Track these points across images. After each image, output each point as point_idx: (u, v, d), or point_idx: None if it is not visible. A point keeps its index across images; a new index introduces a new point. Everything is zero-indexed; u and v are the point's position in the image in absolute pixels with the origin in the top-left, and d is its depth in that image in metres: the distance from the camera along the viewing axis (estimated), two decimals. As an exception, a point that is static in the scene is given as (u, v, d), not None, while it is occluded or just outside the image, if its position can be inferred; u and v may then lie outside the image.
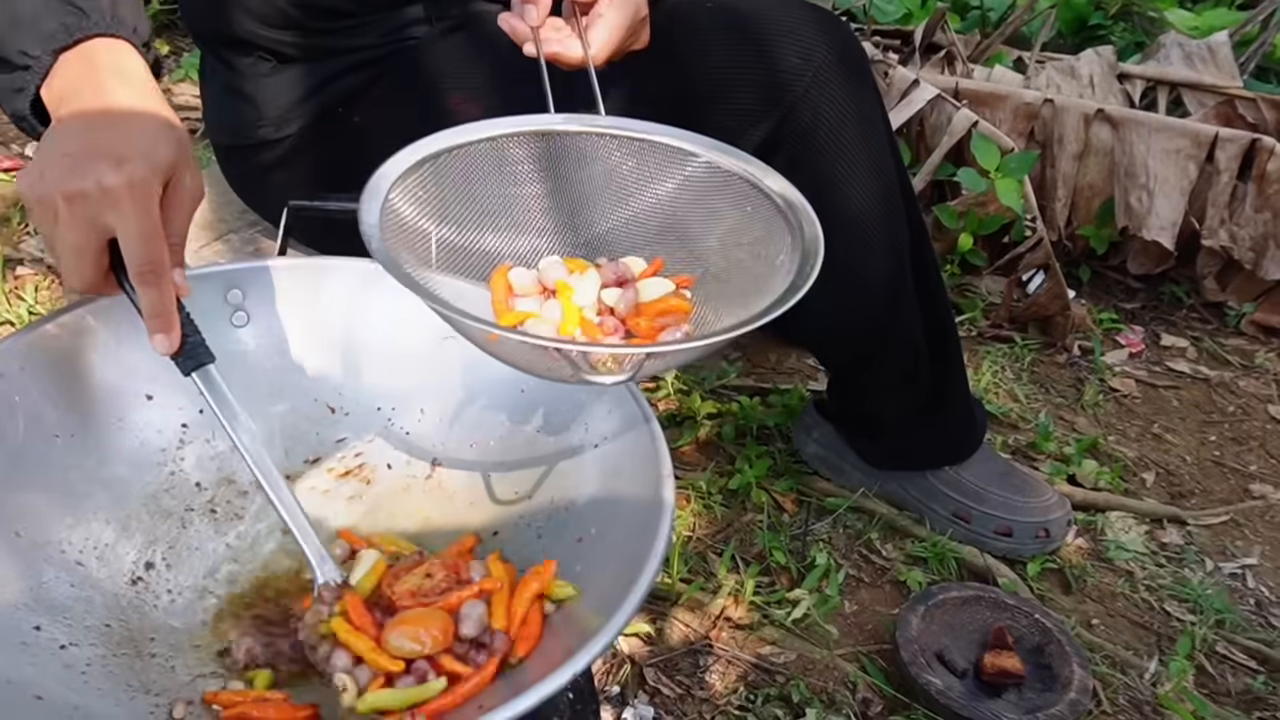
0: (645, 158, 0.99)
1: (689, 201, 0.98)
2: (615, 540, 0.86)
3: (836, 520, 1.66)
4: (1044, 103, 2.28)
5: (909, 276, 1.48)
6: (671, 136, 0.98)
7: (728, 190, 0.96)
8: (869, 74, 1.41)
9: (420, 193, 0.92)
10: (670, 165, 0.98)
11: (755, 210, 0.94)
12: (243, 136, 1.38)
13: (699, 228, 0.98)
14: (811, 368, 2.03)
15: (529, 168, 0.98)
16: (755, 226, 0.94)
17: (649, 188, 0.99)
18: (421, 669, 0.81)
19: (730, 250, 0.96)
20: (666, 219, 0.99)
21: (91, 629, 0.86)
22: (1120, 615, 1.57)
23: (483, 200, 0.97)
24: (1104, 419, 2.01)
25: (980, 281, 2.35)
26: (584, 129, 0.98)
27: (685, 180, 0.98)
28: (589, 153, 0.99)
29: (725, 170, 0.96)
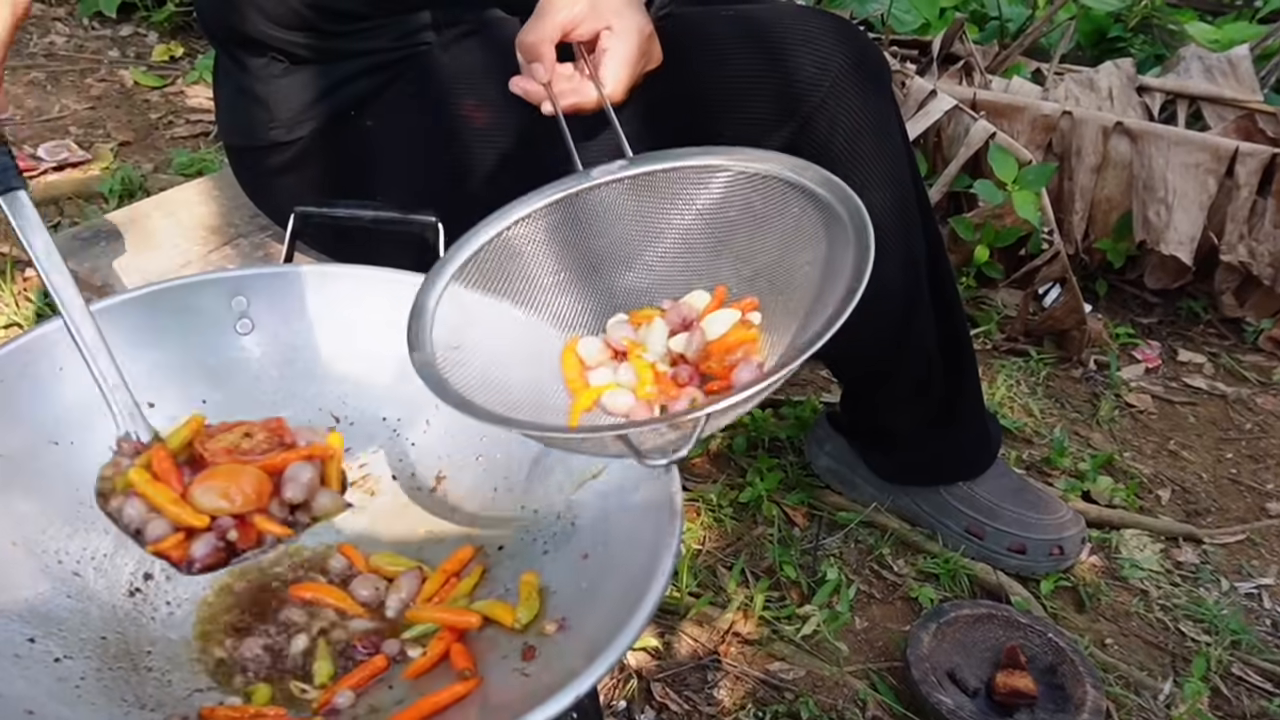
0: (680, 186, 0.99)
1: (734, 217, 0.98)
2: (622, 557, 0.84)
3: (848, 535, 1.64)
4: (1062, 115, 2.26)
5: (925, 288, 1.46)
6: (698, 156, 0.97)
7: (767, 196, 0.96)
8: (887, 83, 1.39)
9: (466, 297, 0.94)
10: (704, 185, 0.98)
11: (801, 210, 0.93)
12: (254, 138, 1.37)
13: (750, 243, 0.97)
14: (824, 379, 2.01)
15: (571, 233, 1.00)
16: (804, 228, 0.93)
17: (691, 215, 0.99)
18: (224, 526, 0.78)
19: (786, 259, 0.95)
20: (716, 242, 0.98)
21: (87, 642, 0.85)
22: (1134, 635, 1.54)
23: (533, 278, 0.98)
24: (1119, 435, 1.98)
25: (996, 294, 2.32)
26: (615, 177, 0.99)
27: (724, 197, 0.98)
28: (623, 199, 1.00)
29: (760, 175, 0.95)
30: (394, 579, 0.92)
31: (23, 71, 2.81)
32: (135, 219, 1.59)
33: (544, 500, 0.95)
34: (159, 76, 2.90)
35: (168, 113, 2.74)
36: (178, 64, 2.99)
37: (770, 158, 0.95)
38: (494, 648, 0.85)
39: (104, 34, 3.09)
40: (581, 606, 0.84)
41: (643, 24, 1.15)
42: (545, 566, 0.91)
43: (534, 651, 0.82)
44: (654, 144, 1.33)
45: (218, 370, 1.01)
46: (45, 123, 2.61)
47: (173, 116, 2.73)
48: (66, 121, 2.62)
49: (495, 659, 0.84)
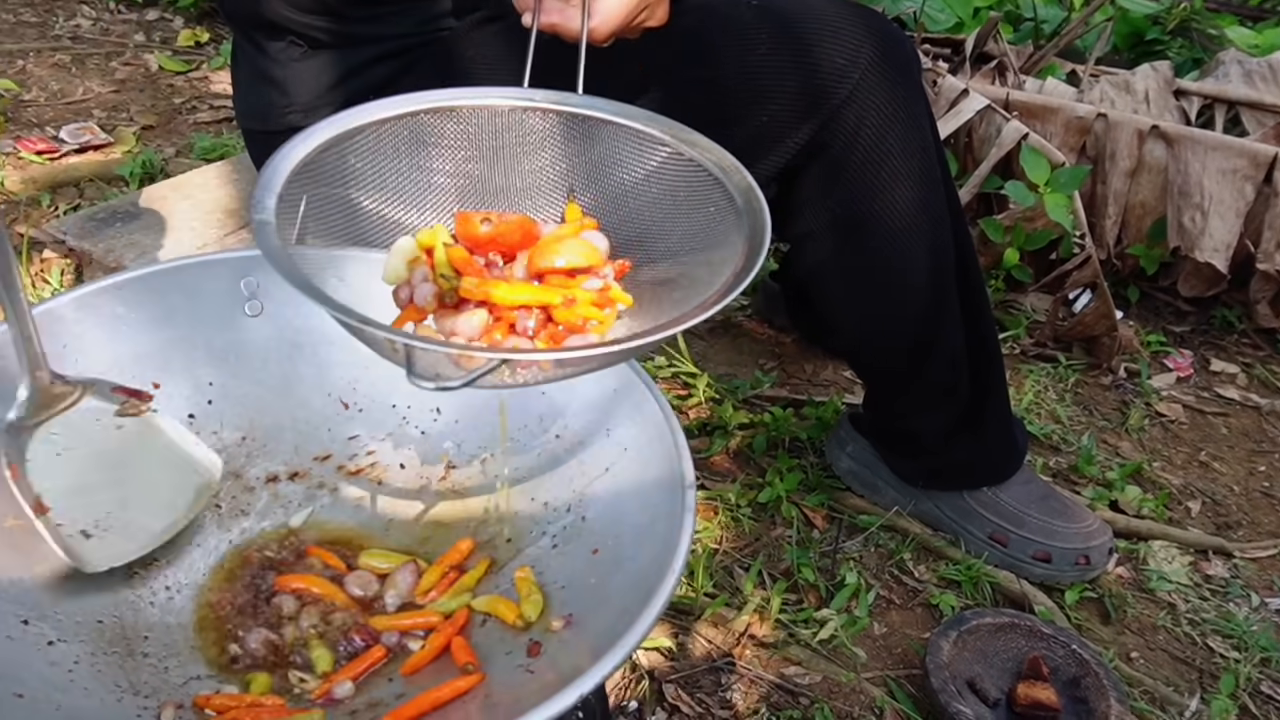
0: (613, 143, 0.94)
1: (655, 195, 0.92)
2: (633, 554, 0.81)
3: (868, 538, 1.60)
4: (1097, 117, 2.22)
5: (953, 289, 1.43)
6: (643, 122, 0.92)
7: (693, 184, 0.90)
8: (917, 78, 1.36)
9: (344, 167, 0.88)
10: (638, 152, 0.93)
11: (718, 210, 0.87)
12: (271, 122, 1.35)
13: (662, 225, 0.91)
14: (848, 380, 1.97)
15: (487, 146, 0.94)
16: (714, 229, 0.87)
17: (613, 176, 0.94)
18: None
19: (688, 252, 0.89)
20: (629, 213, 0.93)
21: (82, 625, 0.83)
22: (1161, 649, 1.50)
23: (425, 170, 0.93)
24: (1149, 444, 1.94)
25: (1025, 298, 2.28)
26: (552, 106, 0.93)
27: (654, 171, 0.92)
28: (551, 133, 0.95)
29: (692, 161, 0.89)
30: (387, 575, 0.89)
31: (48, 54, 2.81)
32: (152, 201, 1.57)
33: (554, 493, 0.93)
34: (184, 61, 2.89)
35: (191, 98, 2.73)
36: (202, 49, 2.99)
37: (708, 148, 0.89)
38: (498, 643, 0.82)
39: (130, 18, 3.09)
40: (590, 603, 0.81)
41: None
42: (554, 561, 0.88)
43: (539, 648, 0.79)
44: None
45: (225, 351, 0.99)
46: (69, 105, 2.61)
47: (196, 101, 2.72)
48: (90, 104, 2.62)
49: (499, 654, 0.81)
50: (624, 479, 0.88)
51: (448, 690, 0.77)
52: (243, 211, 1.55)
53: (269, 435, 0.99)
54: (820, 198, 1.36)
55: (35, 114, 2.55)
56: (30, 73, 2.72)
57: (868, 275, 1.41)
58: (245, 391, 0.99)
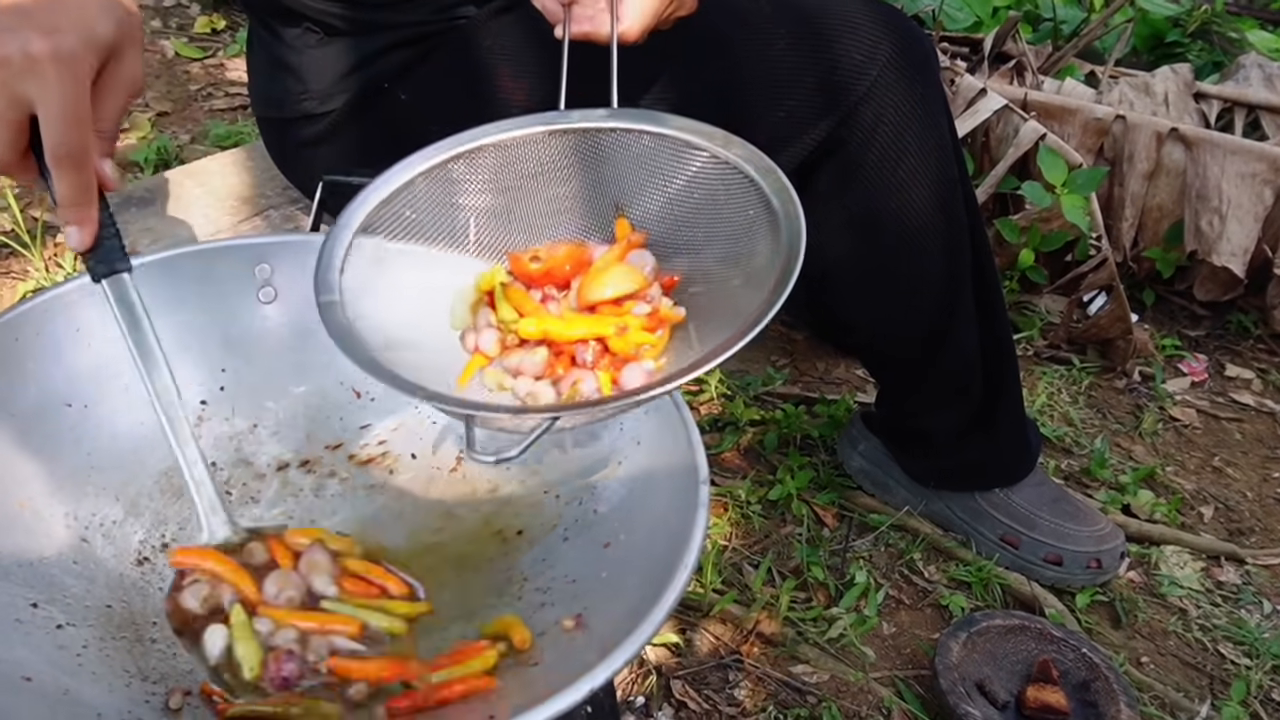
0: (653, 154, 0.93)
1: (698, 201, 0.91)
2: (644, 548, 0.81)
3: (878, 538, 1.59)
4: (1115, 119, 2.20)
5: (968, 288, 1.42)
6: (680, 129, 0.91)
7: (731, 188, 0.89)
8: (936, 75, 1.35)
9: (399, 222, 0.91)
10: (678, 160, 0.92)
11: (755, 215, 0.87)
12: (286, 109, 1.35)
13: (706, 233, 0.91)
14: (860, 378, 1.96)
15: (527, 172, 0.95)
16: (754, 234, 0.87)
17: (655, 188, 0.93)
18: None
19: (729, 262, 0.89)
20: (674, 223, 0.93)
21: (91, 609, 0.82)
22: (1171, 654, 1.49)
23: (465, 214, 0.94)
24: (1162, 449, 1.93)
25: (1040, 300, 2.27)
26: (593, 125, 0.93)
27: (694, 178, 0.92)
28: (593, 150, 0.94)
29: (729, 164, 0.89)
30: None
31: (66, 39, 2.81)
32: (166, 187, 1.57)
33: (567, 485, 0.92)
34: (200, 48, 2.89)
35: (207, 85, 2.73)
36: (219, 36, 2.99)
37: (743, 149, 0.89)
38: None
39: (147, 4, 3.08)
40: (600, 598, 0.80)
41: None
42: (564, 554, 0.87)
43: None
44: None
45: (239, 338, 0.98)
46: (86, 91, 2.60)
47: (212, 89, 2.72)
48: (106, 90, 2.62)
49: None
50: (637, 472, 0.88)
51: (460, 688, 0.76)
52: (257, 199, 1.55)
53: (280, 422, 0.99)
54: (836, 195, 1.36)
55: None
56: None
57: (882, 273, 1.40)
58: (257, 378, 0.99)
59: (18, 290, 1.87)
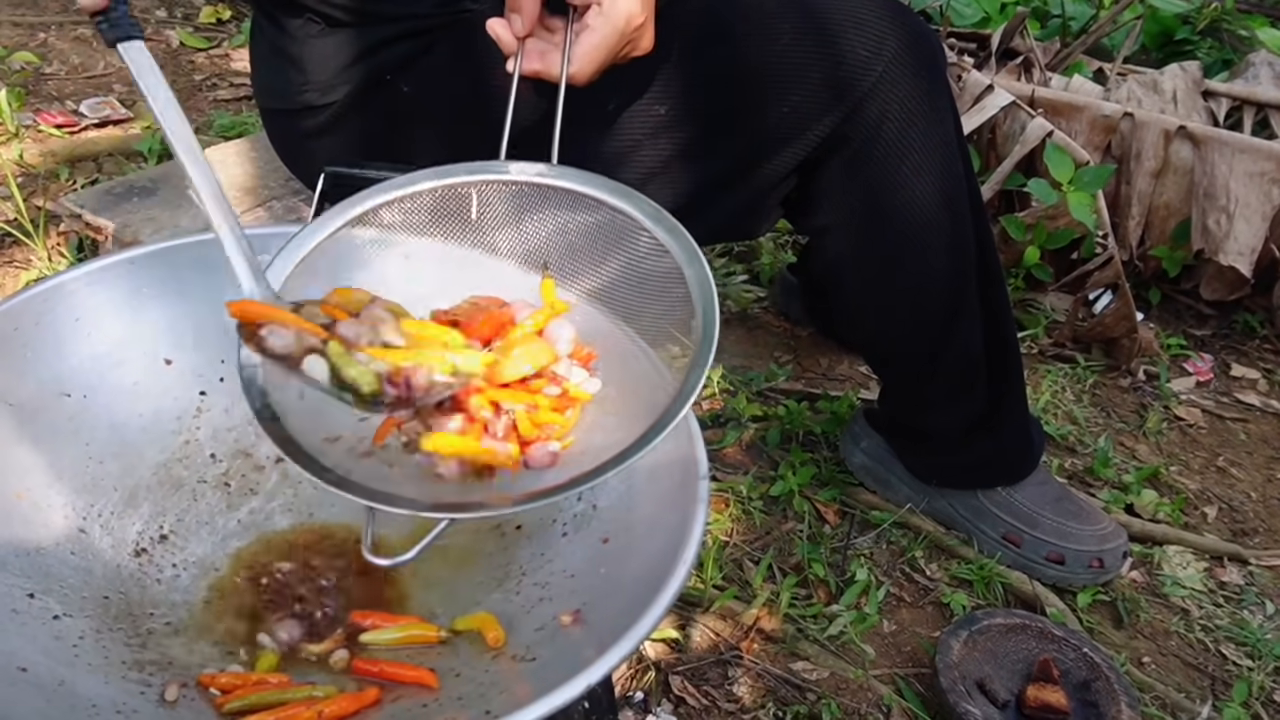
0: (588, 218, 0.93)
1: (624, 279, 0.92)
2: (644, 544, 0.81)
3: (880, 535, 1.59)
4: (1123, 116, 2.19)
5: (972, 286, 1.41)
6: (623, 199, 0.91)
7: (667, 278, 0.89)
8: (942, 71, 1.34)
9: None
10: (617, 234, 0.92)
11: (684, 306, 0.86)
12: (288, 100, 1.34)
13: (630, 312, 0.91)
14: (863, 375, 1.96)
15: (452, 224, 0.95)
16: (682, 324, 0.87)
17: (583, 254, 0.93)
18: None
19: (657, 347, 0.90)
20: (597, 295, 0.93)
21: (89, 600, 0.82)
22: (1173, 655, 1.49)
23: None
24: (1166, 448, 1.92)
25: (1045, 297, 2.26)
26: (528, 179, 0.93)
27: (631, 255, 0.92)
28: (528, 204, 0.95)
29: (667, 250, 0.88)
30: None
31: (69, 27, 2.81)
32: (169, 177, 1.57)
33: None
34: (205, 38, 2.89)
35: (211, 75, 2.73)
36: (224, 27, 2.98)
37: (681, 236, 0.88)
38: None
39: (154, -6, 3.09)
40: (598, 593, 0.80)
41: (634, 13, 1.05)
42: (563, 549, 0.87)
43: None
44: (691, 128, 1.29)
45: (238, 329, 0.98)
46: (89, 79, 2.60)
47: (216, 79, 2.71)
48: (111, 79, 2.62)
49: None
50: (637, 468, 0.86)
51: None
52: (260, 189, 1.55)
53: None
54: (841, 191, 1.35)
55: (56, 87, 2.55)
56: (51, 45, 2.72)
57: (886, 270, 1.40)
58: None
59: (20, 279, 1.87)
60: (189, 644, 0.83)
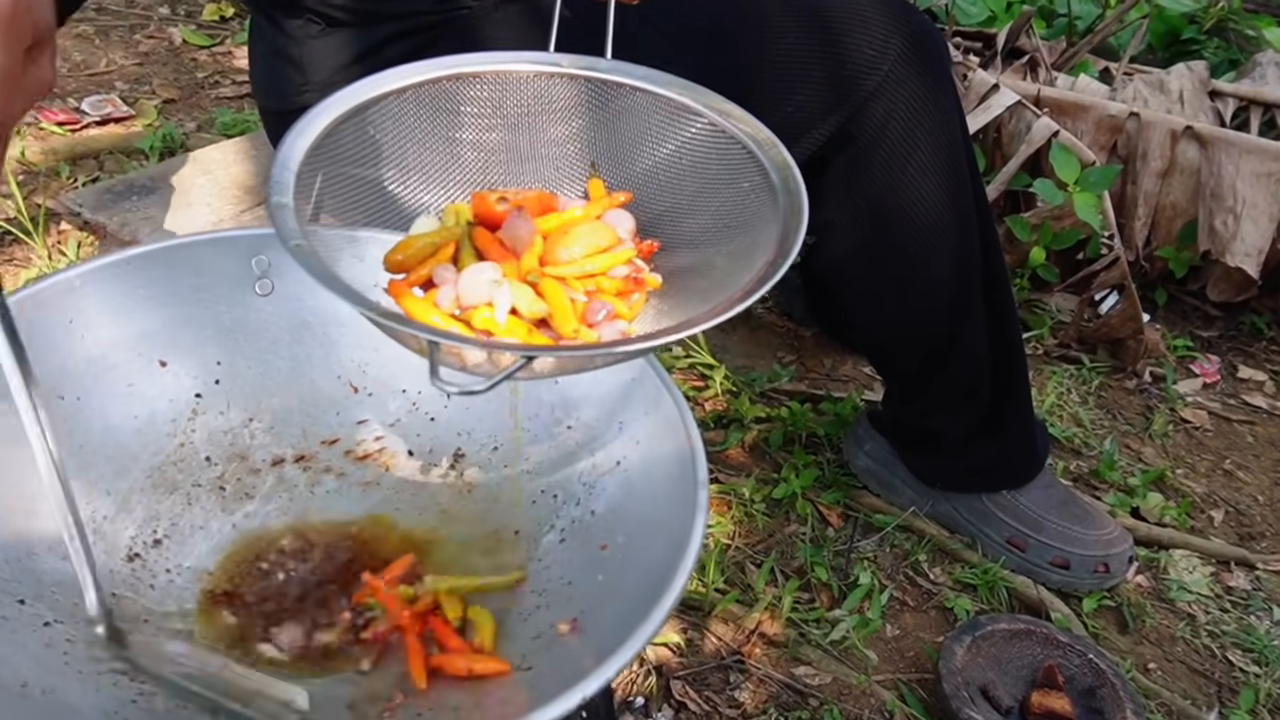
0: (644, 113, 0.89)
1: (684, 169, 0.87)
2: (642, 551, 0.79)
3: (883, 538, 1.58)
4: (1129, 116, 2.18)
5: (977, 287, 1.40)
6: (678, 90, 0.87)
7: (727, 160, 0.85)
8: (947, 70, 1.33)
9: (362, 140, 0.84)
10: (670, 123, 0.88)
11: (751, 187, 0.82)
12: (287, 101, 1.33)
13: (690, 201, 0.86)
14: (868, 376, 1.94)
15: (503, 114, 0.89)
16: (748, 207, 0.82)
17: (642, 147, 0.89)
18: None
19: (717, 234, 0.84)
20: (656, 187, 0.88)
21: (80, 607, 0.80)
22: (1179, 661, 1.47)
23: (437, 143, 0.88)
24: (1173, 451, 1.90)
25: (1050, 298, 2.25)
26: (581, 72, 0.88)
27: (685, 143, 0.87)
28: (578, 99, 0.90)
29: (726, 134, 0.84)
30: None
31: (72, 24, 2.80)
32: (169, 176, 1.56)
33: (564, 485, 0.90)
34: (208, 35, 2.88)
35: (214, 72, 2.72)
36: (227, 24, 2.97)
37: (743, 119, 0.85)
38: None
39: (157, -9, 3.08)
40: (596, 601, 0.79)
41: None
42: (561, 555, 0.86)
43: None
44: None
45: (234, 331, 0.97)
46: (91, 76, 2.59)
47: (219, 76, 2.70)
48: (113, 76, 2.61)
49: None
50: (635, 474, 0.86)
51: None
52: (260, 188, 1.53)
53: (276, 417, 0.97)
54: (845, 190, 1.34)
55: (58, 84, 2.54)
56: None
57: (890, 270, 1.39)
58: (253, 372, 0.97)
59: (20, 277, 1.86)
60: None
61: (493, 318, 0.73)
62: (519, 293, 0.74)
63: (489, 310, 0.73)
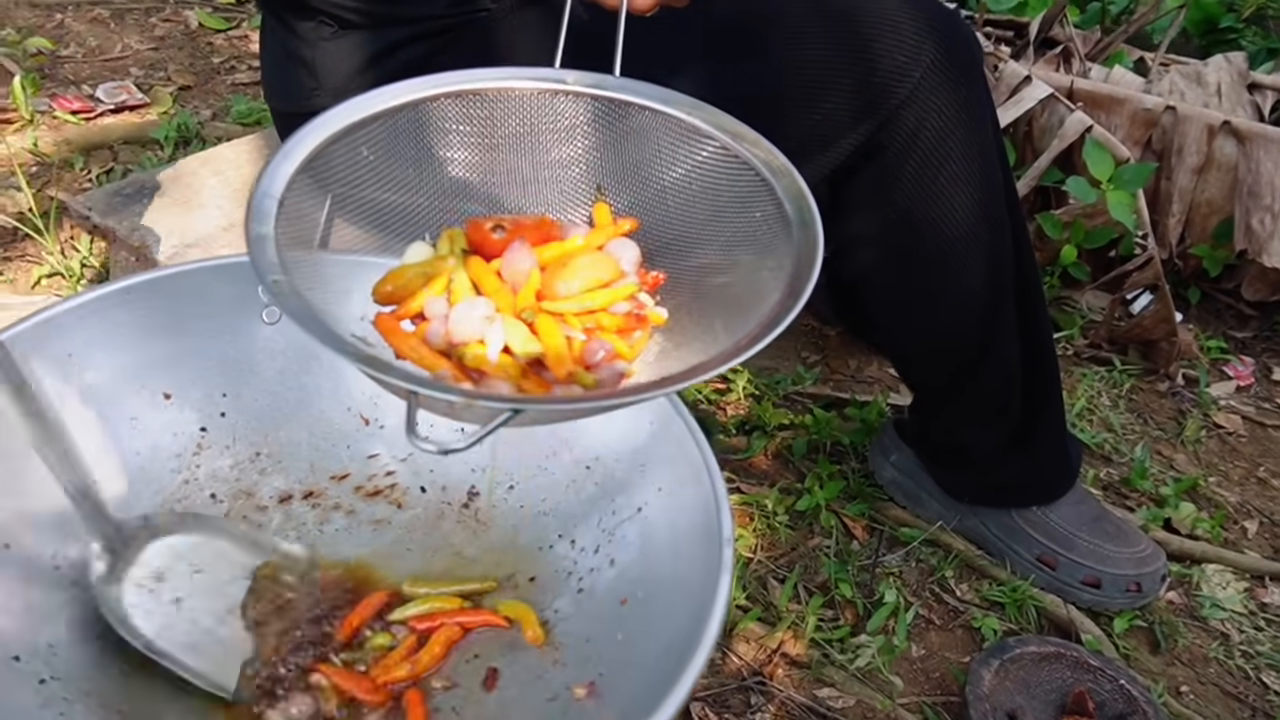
0: (652, 134, 0.84)
1: (694, 194, 0.83)
2: (664, 611, 0.76)
3: (909, 553, 1.54)
4: (1165, 110, 2.11)
5: (1009, 298, 1.35)
6: (688, 111, 0.82)
7: (738, 185, 0.80)
8: (982, 76, 1.28)
9: (354, 162, 0.81)
10: (676, 145, 0.83)
11: (764, 216, 0.78)
12: (299, 104, 1.29)
13: (699, 230, 0.82)
14: (893, 377, 1.90)
15: (515, 131, 0.85)
16: (760, 237, 0.78)
17: (649, 168, 0.85)
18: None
19: (727, 265, 0.80)
20: (662, 215, 0.84)
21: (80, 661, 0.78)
22: (1212, 683, 1.43)
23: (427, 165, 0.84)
24: (1205, 458, 1.85)
25: (1081, 296, 2.19)
26: (586, 90, 0.84)
27: (696, 168, 0.83)
28: (584, 118, 0.85)
29: (739, 159, 0.80)
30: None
31: (87, 8, 2.76)
32: (181, 176, 1.52)
33: (584, 531, 0.87)
34: (224, 19, 2.83)
35: (230, 57, 2.68)
36: (244, 7, 2.93)
37: (757, 144, 0.80)
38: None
39: (172, -28, 3.04)
40: (615, 664, 0.75)
41: None
42: (579, 607, 0.82)
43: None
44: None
45: (240, 361, 0.94)
46: (106, 62, 2.56)
47: (235, 61, 2.66)
48: (128, 61, 2.57)
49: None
50: (657, 523, 0.82)
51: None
52: (272, 191, 1.50)
53: (284, 451, 0.94)
54: (873, 202, 1.29)
55: (72, 70, 2.50)
56: (69, 27, 2.67)
57: (920, 284, 1.34)
58: (260, 404, 0.94)
59: (32, 274, 1.83)
60: (181, 698, 0.79)
61: (484, 355, 0.69)
62: (512, 330, 0.70)
63: (480, 348, 0.69)
